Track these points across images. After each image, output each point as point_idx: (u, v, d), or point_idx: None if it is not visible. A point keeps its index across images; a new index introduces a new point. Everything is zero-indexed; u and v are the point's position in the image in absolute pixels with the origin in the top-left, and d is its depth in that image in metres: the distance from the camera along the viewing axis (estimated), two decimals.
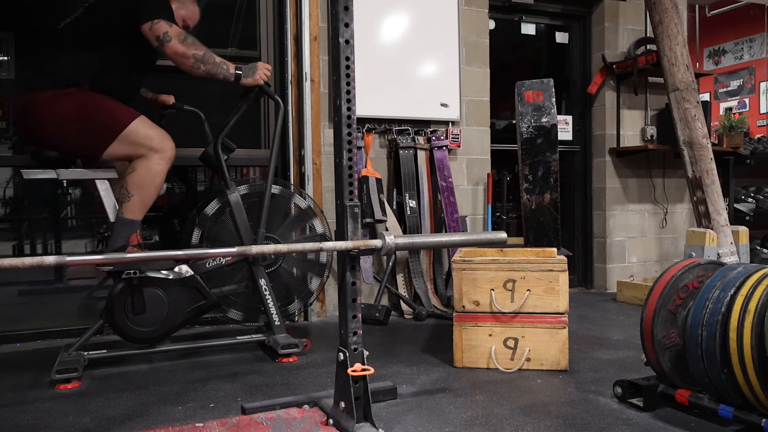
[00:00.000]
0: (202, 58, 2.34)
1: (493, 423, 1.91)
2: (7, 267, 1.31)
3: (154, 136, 2.39)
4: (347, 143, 1.79)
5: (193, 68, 2.34)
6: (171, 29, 2.31)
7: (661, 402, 2.00)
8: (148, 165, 2.36)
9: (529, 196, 3.23)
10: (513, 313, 2.45)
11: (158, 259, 2.43)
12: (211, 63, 2.36)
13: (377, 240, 1.73)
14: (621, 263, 4.51)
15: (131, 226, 2.40)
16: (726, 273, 1.85)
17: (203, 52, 2.35)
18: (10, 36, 3.71)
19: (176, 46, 2.30)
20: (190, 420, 1.94)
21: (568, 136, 4.56)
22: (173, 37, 2.30)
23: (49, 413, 2.03)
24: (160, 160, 2.38)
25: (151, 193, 2.38)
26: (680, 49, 3.65)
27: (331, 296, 3.58)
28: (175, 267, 2.53)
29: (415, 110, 3.81)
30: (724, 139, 4.67)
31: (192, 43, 2.33)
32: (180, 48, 2.30)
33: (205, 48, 2.36)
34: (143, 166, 2.36)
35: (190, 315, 2.60)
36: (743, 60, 7.31)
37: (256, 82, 2.50)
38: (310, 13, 3.47)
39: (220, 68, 2.39)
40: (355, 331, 1.77)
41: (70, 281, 4.13)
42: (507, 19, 4.38)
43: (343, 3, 1.75)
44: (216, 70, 2.38)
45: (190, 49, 2.31)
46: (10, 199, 4.74)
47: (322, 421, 1.84)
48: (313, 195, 3.41)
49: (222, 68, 2.40)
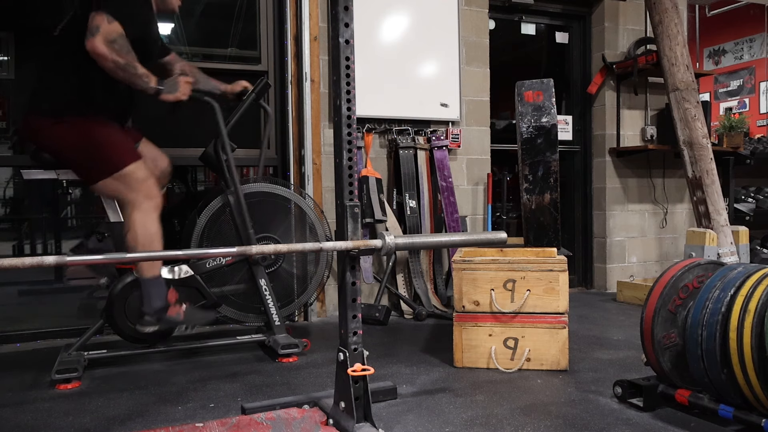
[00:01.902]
0: (122, 66, 2.22)
1: (493, 423, 1.91)
2: (7, 267, 1.31)
3: (148, 182, 2.36)
4: (347, 143, 1.79)
5: (112, 71, 2.23)
6: (105, 25, 2.17)
7: (661, 402, 2.00)
8: (142, 219, 2.32)
9: (529, 196, 3.23)
10: (513, 313, 2.45)
11: (158, 259, 2.43)
12: (131, 73, 2.25)
13: (377, 240, 1.73)
14: (621, 263, 4.51)
15: (156, 282, 2.38)
16: (726, 273, 1.85)
17: (125, 61, 2.22)
18: (10, 36, 3.72)
19: (98, 44, 2.16)
20: (190, 420, 1.94)
21: (568, 136, 4.56)
22: (100, 35, 2.16)
23: (49, 413, 2.03)
24: (154, 208, 2.35)
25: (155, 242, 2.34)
26: (680, 49, 3.65)
27: (331, 296, 3.58)
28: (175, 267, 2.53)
29: (415, 110, 3.81)
30: (724, 139, 4.67)
31: (118, 49, 2.20)
32: (100, 48, 2.16)
33: (130, 58, 2.24)
34: (137, 222, 2.31)
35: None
36: (743, 60, 7.31)
37: (177, 98, 2.38)
38: (310, 13, 3.47)
39: (140, 79, 2.27)
40: (355, 331, 1.77)
41: (70, 281, 4.13)
42: (507, 19, 4.38)
43: (343, 3, 1.75)
44: (135, 80, 2.27)
45: (111, 53, 2.18)
46: (10, 199, 4.74)
47: (322, 421, 1.84)
48: (313, 195, 3.41)
49: (142, 80, 2.28)
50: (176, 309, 2.41)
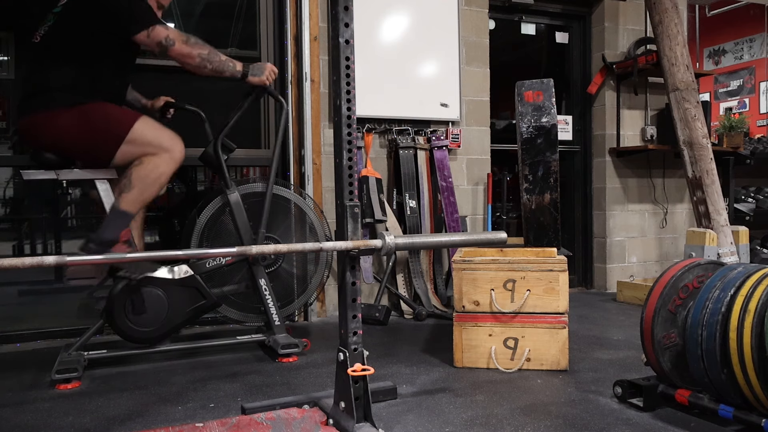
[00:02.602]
0: (207, 57, 2.33)
1: (493, 423, 1.91)
2: (7, 267, 1.31)
3: (163, 135, 2.37)
4: (347, 143, 1.79)
5: (199, 67, 2.33)
6: (170, 33, 2.29)
7: (661, 402, 2.00)
8: (156, 162, 2.33)
9: (529, 196, 3.23)
10: (513, 313, 2.45)
11: (158, 259, 2.43)
12: (216, 61, 2.35)
13: (377, 240, 1.73)
14: (621, 263, 4.51)
15: (125, 218, 2.35)
16: (726, 273, 1.85)
17: (208, 50, 2.33)
18: (10, 36, 3.71)
19: (181, 48, 2.28)
20: (190, 420, 1.94)
21: (568, 136, 4.56)
22: (176, 40, 2.28)
23: (49, 413, 2.03)
24: (169, 159, 2.36)
25: (152, 189, 2.35)
26: (680, 49, 3.65)
27: (331, 296, 3.58)
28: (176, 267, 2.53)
29: (415, 110, 3.81)
30: (724, 139, 4.67)
31: (195, 43, 2.32)
32: (185, 49, 2.29)
33: (209, 46, 2.35)
34: (151, 162, 2.33)
35: (190, 315, 2.60)
36: (743, 60, 7.32)
37: (263, 82, 2.50)
38: (310, 13, 3.47)
39: (226, 65, 2.37)
40: (355, 331, 1.77)
41: (70, 281, 4.13)
42: (507, 19, 4.38)
43: (343, 3, 1.75)
44: (222, 68, 2.36)
45: (195, 48, 2.30)
46: (10, 199, 4.74)
47: (322, 421, 1.84)
48: (313, 195, 3.41)
49: (228, 65, 2.38)
50: (122, 248, 2.35)
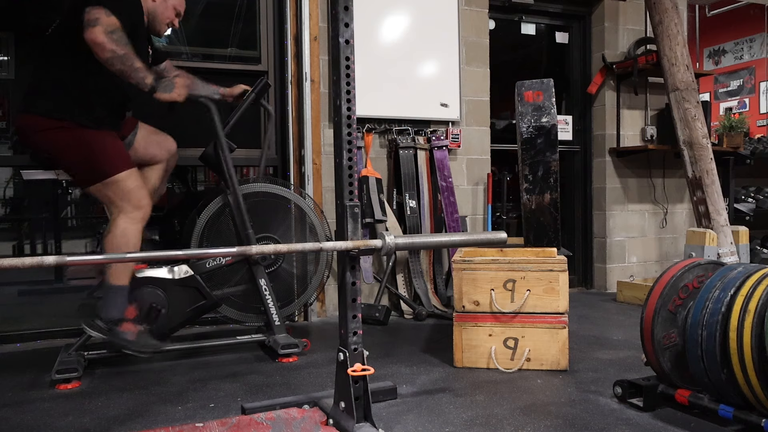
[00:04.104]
0: (120, 57, 2.20)
1: (493, 423, 1.91)
2: (7, 267, 1.31)
3: (141, 192, 2.37)
4: (347, 143, 1.79)
5: (108, 62, 2.21)
6: (102, 18, 2.17)
7: (661, 402, 2.00)
8: (122, 225, 2.32)
9: (529, 196, 3.23)
10: (513, 313, 2.45)
11: (158, 259, 2.43)
12: (128, 65, 2.22)
13: (377, 240, 1.73)
14: (621, 263, 4.51)
15: (121, 292, 2.36)
16: (726, 273, 1.85)
17: (124, 52, 2.21)
18: (10, 36, 3.72)
19: (98, 33, 2.15)
20: (190, 420, 1.94)
21: (568, 136, 4.56)
22: (100, 25, 2.16)
23: (49, 413, 2.03)
24: (134, 218, 2.34)
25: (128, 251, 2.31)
26: (680, 49, 3.65)
27: (331, 296, 3.58)
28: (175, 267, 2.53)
29: (415, 110, 3.81)
30: (724, 139, 4.67)
31: (117, 41, 2.19)
32: (101, 37, 2.16)
33: (129, 50, 2.23)
34: (117, 227, 2.32)
35: (190, 315, 2.60)
36: (743, 60, 7.31)
37: (172, 98, 2.35)
38: (310, 13, 3.47)
39: (136, 74, 2.25)
40: (355, 331, 1.77)
41: (70, 281, 4.13)
42: (507, 19, 4.38)
43: (343, 3, 1.75)
44: (131, 73, 2.24)
45: (111, 43, 2.17)
46: (10, 199, 4.75)
47: (322, 421, 1.84)
48: (313, 195, 3.41)
49: (138, 75, 2.25)
50: (130, 327, 2.36)
